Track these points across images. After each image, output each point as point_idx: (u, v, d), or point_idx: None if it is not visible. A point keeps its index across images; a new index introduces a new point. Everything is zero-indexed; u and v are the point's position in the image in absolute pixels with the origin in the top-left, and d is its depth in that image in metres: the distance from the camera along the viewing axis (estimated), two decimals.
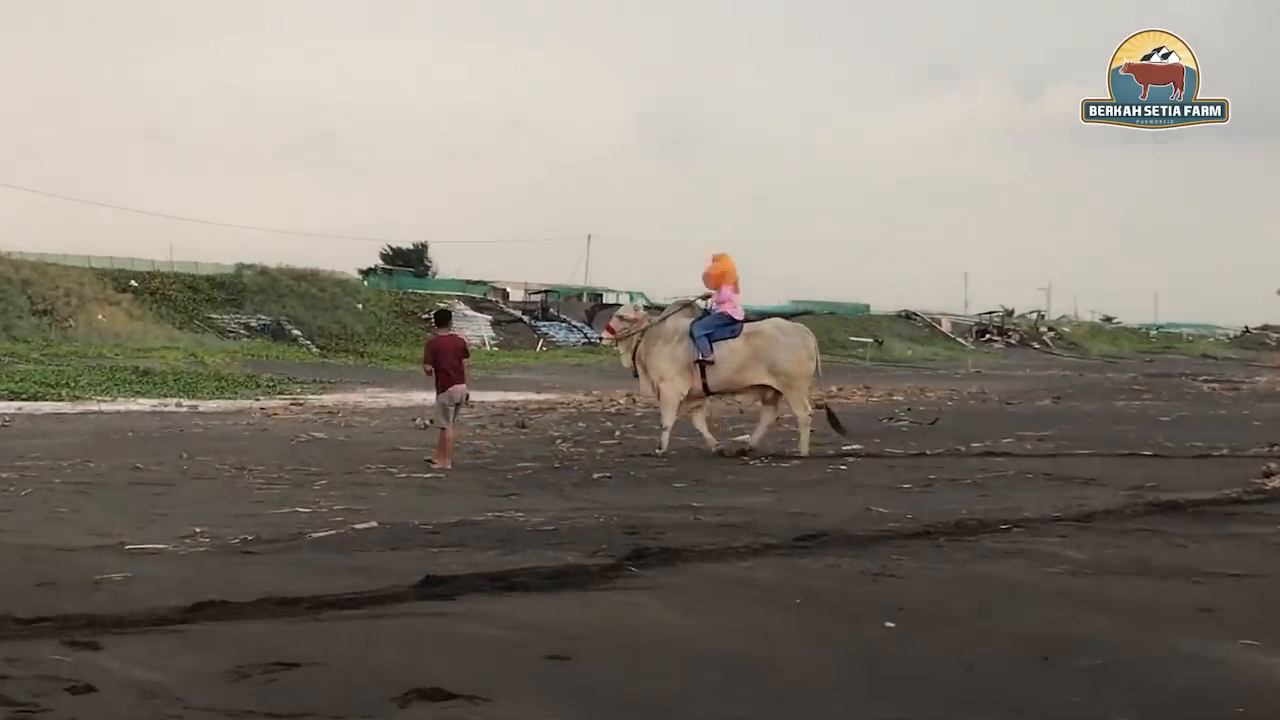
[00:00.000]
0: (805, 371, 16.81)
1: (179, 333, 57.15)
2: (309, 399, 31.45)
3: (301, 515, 10.20)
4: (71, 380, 33.60)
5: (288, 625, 5.74)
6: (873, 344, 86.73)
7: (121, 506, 10.93)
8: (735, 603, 6.31)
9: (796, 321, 19.03)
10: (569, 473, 14.21)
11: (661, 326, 17.37)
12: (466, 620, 5.82)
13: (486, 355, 63.47)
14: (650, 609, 6.13)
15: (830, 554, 7.70)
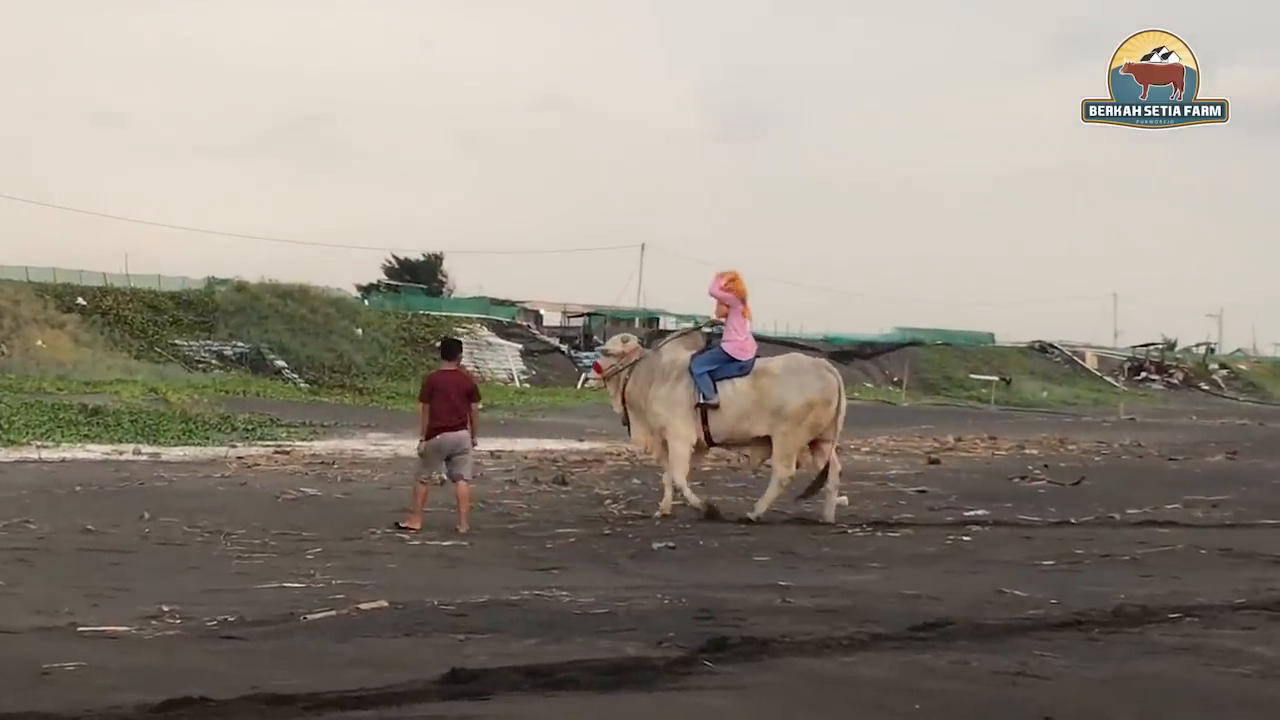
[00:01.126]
0: (815, 419, 16.52)
1: (136, 363, 57.66)
2: (297, 446, 31.66)
3: (293, 591, 10.25)
4: (4, 421, 33.95)
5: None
6: (999, 383, 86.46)
7: (70, 578, 11.01)
8: (838, 708, 6.28)
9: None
10: (622, 541, 14.22)
11: (655, 361, 17.30)
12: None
13: (515, 393, 63.77)
14: (732, 715, 6.11)
15: (955, 647, 7.65)
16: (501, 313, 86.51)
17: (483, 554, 13.16)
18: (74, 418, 35.76)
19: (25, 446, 28.87)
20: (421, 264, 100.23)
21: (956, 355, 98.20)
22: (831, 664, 7.19)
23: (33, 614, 9.02)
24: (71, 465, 24.80)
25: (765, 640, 7.66)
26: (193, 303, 68.58)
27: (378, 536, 14.38)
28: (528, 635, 8.07)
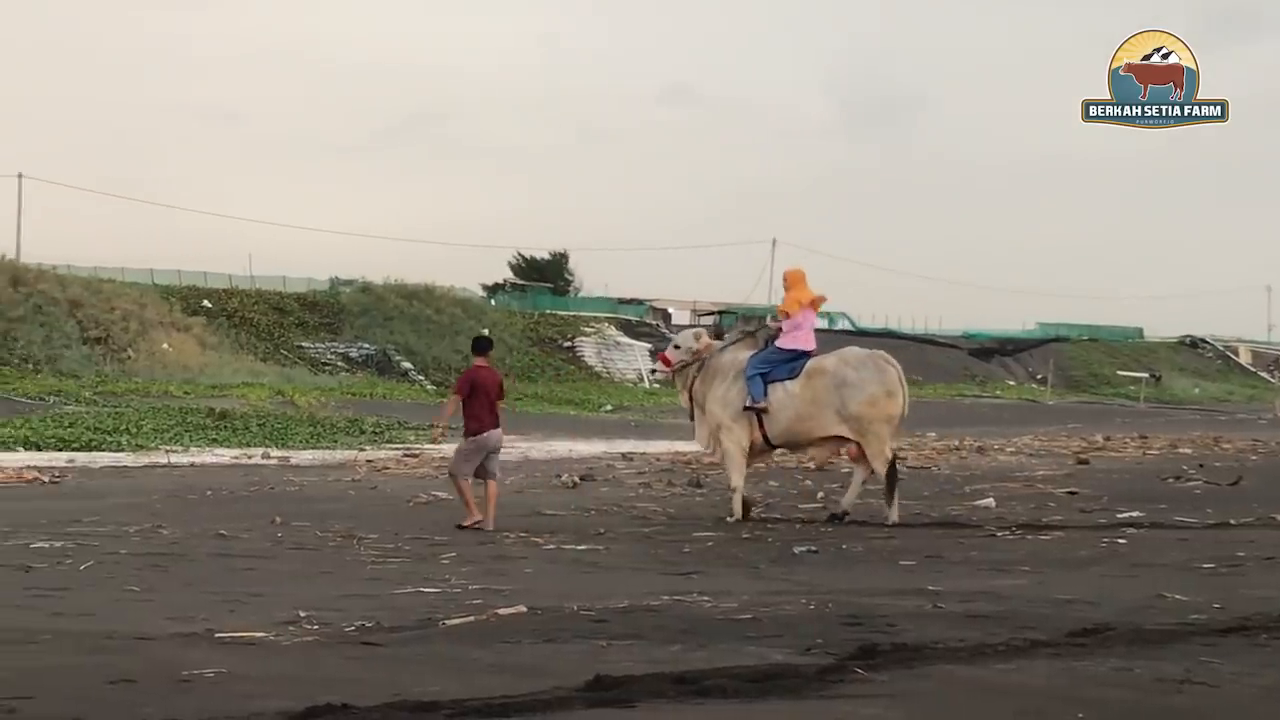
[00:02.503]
0: (884, 413, 16.46)
1: (263, 365, 58.44)
2: (425, 449, 31.90)
3: (429, 596, 10.33)
4: (132, 425, 34.59)
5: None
6: (1148, 380, 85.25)
7: (206, 584, 11.18)
8: (997, 716, 6.21)
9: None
10: (762, 545, 14.19)
11: (719, 360, 17.29)
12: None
13: (645, 394, 63.85)
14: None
15: (1115, 654, 7.56)
16: (629, 311, 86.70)
17: (620, 558, 13.18)
18: (202, 422, 36.36)
19: (154, 451, 29.39)
20: (548, 262, 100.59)
21: (1103, 351, 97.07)
22: (987, 671, 7.12)
23: (169, 620, 9.15)
24: (201, 470, 25.21)
25: (917, 647, 7.60)
26: (318, 304, 69.43)
27: (511, 540, 14.45)
28: (670, 641, 8.06)
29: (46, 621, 9.09)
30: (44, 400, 44.45)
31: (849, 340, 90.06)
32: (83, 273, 66.74)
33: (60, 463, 25.86)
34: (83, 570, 11.98)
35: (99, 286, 64.04)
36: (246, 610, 9.58)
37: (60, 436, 31.44)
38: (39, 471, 22.90)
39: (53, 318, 58.46)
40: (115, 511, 16.70)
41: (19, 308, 58.60)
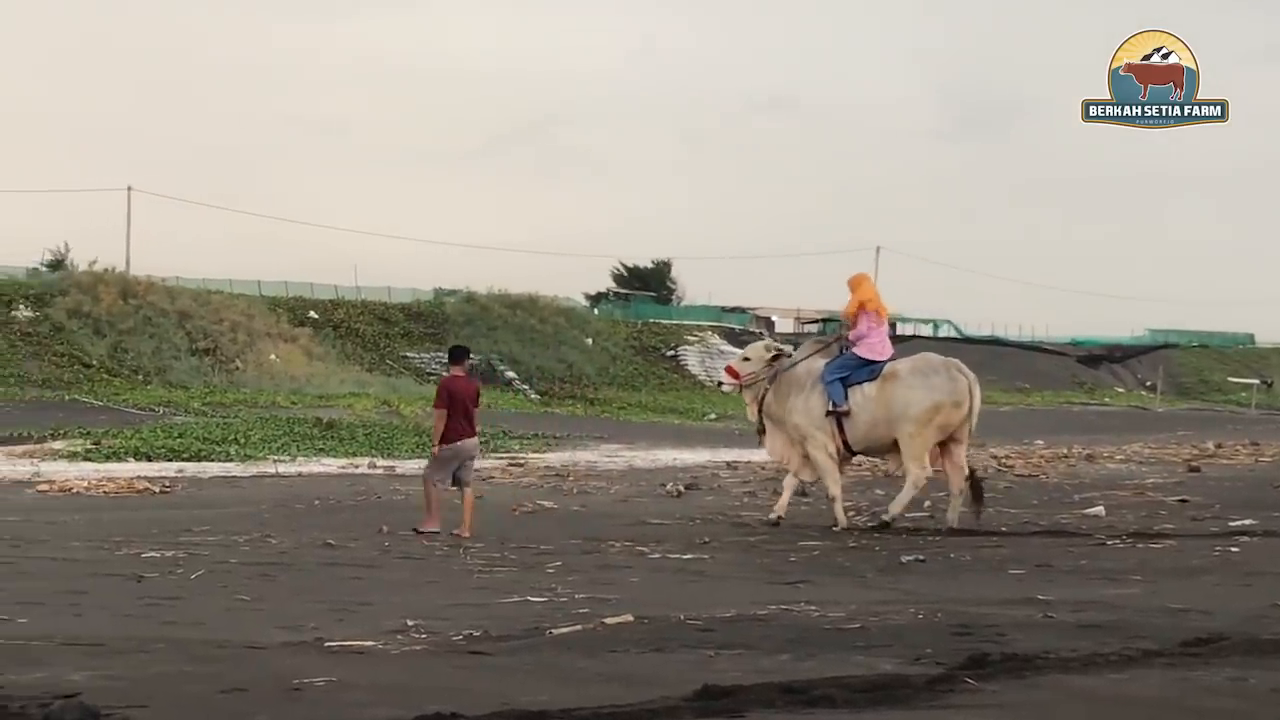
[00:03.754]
0: (943, 421, 16.46)
1: (368, 375, 58.90)
2: (530, 459, 32.07)
3: (535, 605, 10.36)
4: (241, 435, 34.95)
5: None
6: (1259, 386, 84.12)
7: (314, 593, 11.29)
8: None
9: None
10: (869, 554, 14.14)
11: (793, 372, 17.34)
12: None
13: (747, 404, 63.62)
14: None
15: (1230, 664, 7.45)
16: (732, 320, 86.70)
17: (725, 567, 13.17)
18: (309, 431, 36.70)
19: (262, 461, 29.67)
20: (650, 271, 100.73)
21: (1213, 358, 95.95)
22: (1100, 681, 7.04)
23: (279, 629, 9.25)
24: (308, 479, 25.43)
25: (1028, 657, 7.53)
26: (423, 314, 69.91)
27: (617, 550, 14.47)
28: (779, 651, 8.04)
29: (159, 630, 9.20)
30: (154, 411, 45.03)
31: (953, 349, 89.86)
32: (191, 285, 67.56)
33: (170, 473, 26.17)
34: (194, 579, 12.11)
35: (207, 298, 64.82)
36: (355, 619, 9.66)
37: (170, 447, 31.82)
38: (150, 481, 23.20)
39: (162, 329, 59.24)
40: (225, 521, 16.88)
41: (129, 320, 59.43)
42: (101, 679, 7.30)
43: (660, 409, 60.01)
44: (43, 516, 17.76)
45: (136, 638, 8.77)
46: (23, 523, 16.90)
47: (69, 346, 56.85)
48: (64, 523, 16.91)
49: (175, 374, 56.15)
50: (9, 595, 10.74)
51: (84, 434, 34.99)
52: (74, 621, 9.61)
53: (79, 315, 59.28)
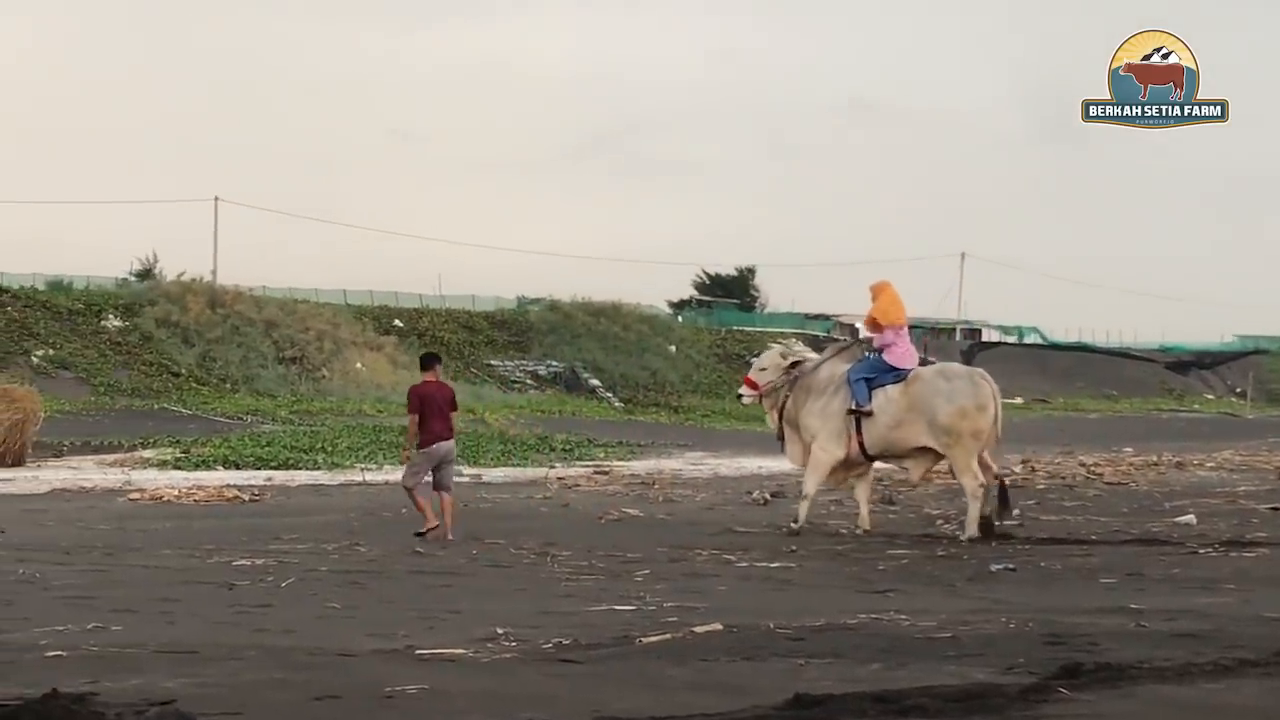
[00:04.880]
0: (973, 426, 16.40)
1: (453, 383, 58.89)
2: (615, 466, 32.10)
3: (624, 614, 10.39)
4: (328, 444, 35.19)
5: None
6: None
7: (403, 601, 11.35)
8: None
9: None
10: (958, 562, 14.08)
11: (814, 377, 17.38)
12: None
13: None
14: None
15: None
16: (816, 327, 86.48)
17: (814, 576, 13.15)
18: (395, 440, 36.81)
19: (350, 469, 29.86)
20: (733, 279, 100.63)
21: None
22: (1195, 691, 7.00)
23: (369, 636, 9.31)
24: (395, 487, 25.48)
25: (1122, 666, 7.49)
26: (506, 322, 70.17)
27: (704, 558, 14.46)
28: (870, 660, 8.03)
29: (251, 638, 9.29)
30: (242, 419, 45.44)
31: (1040, 356, 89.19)
32: (278, 294, 68.13)
33: (259, 481, 26.38)
34: (284, 587, 12.21)
35: (294, 307, 65.35)
36: (445, 627, 9.71)
37: (258, 455, 32.07)
38: (239, 489, 23.40)
39: (249, 338, 59.77)
40: (313, 529, 17.01)
41: (217, 329, 60.00)
42: (195, 686, 7.38)
43: (744, 416, 59.68)
44: (134, 524, 17.95)
45: (229, 645, 8.87)
46: (115, 531, 17.10)
47: (158, 356, 57.44)
48: (155, 531, 17.09)
49: (262, 382, 56.62)
50: (103, 603, 10.87)
51: (173, 442, 35.37)
52: (167, 629, 9.72)
53: (168, 325, 59.89)
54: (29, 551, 14.64)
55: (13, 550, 14.76)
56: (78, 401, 47.78)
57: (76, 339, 58.12)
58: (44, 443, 32.33)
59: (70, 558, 14.23)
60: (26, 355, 54.96)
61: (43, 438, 32.04)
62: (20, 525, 17.69)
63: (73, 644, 8.88)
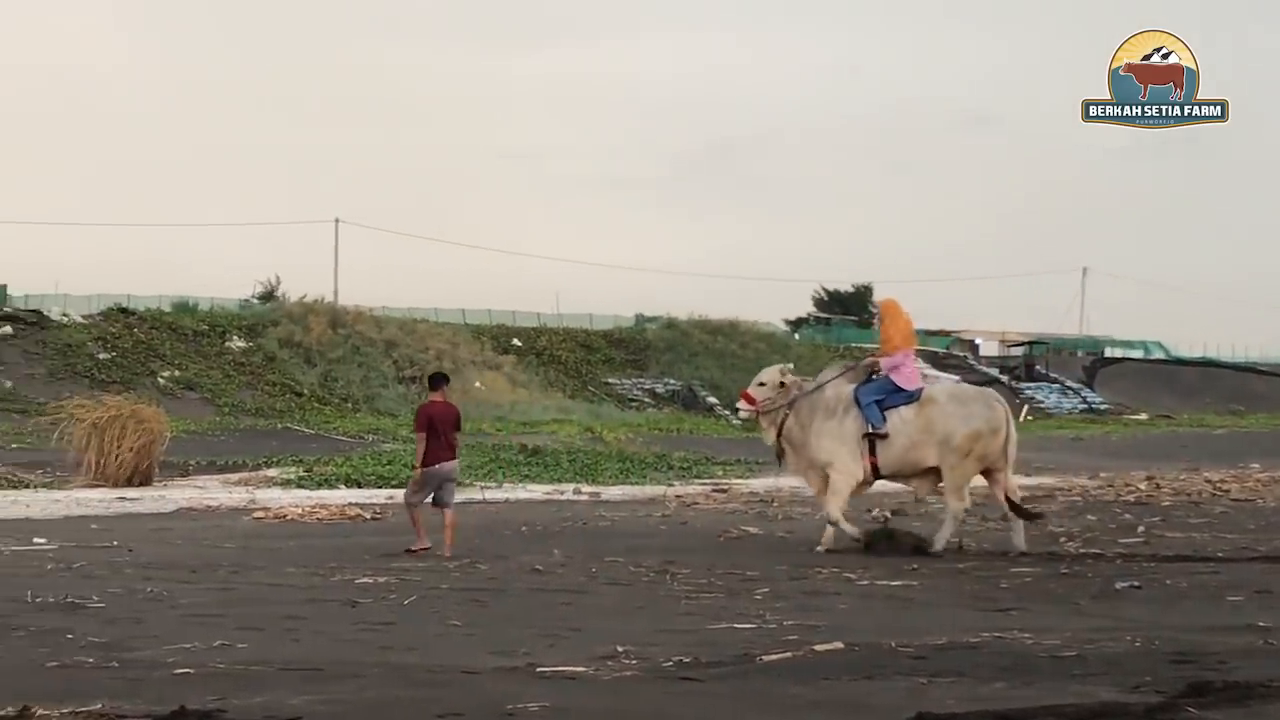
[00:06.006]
0: (983, 450, 16.54)
1: (571, 402, 59.35)
2: (734, 484, 32.01)
3: (744, 631, 10.38)
4: None
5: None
6: None
7: (524, 618, 11.41)
8: None
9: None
10: (1082, 581, 13.93)
11: (818, 396, 17.33)
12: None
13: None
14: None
15: None
16: (936, 343, 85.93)
17: (935, 594, 13.06)
18: (514, 458, 37.06)
19: (469, 487, 29.99)
20: (851, 295, 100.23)
21: None
22: None
23: (491, 654, 9.38)
24: (514, 505, 25.69)
25: (1250, 685, 7.40)
26: (624, 341, 70.32)
27: (824, 576, 14.41)
28: (993, 679, 7.98)
29: (374, 655, 9.38)
30: (363, 438, 45.81)
31: (1165, 372, 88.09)
32: (397, 314, 68.76)
33: (380, 499, 26.55)
34: (406, 605, 12.31)
35: (413, 327, 65.94)
36: (566, 645, 9.75)
37: (379, 473, 32.27)
38: (361, 508, 23.59)
39: (370, 358, 60.38)
40: (434, 547, 17.11)
41: (338, 349, 60.67)
42: (320, 703, 7.46)
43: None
44: (259, 543, 18.15)
45: (352, 662, 8.96)
46: (240, 549, 17.30)
47: (281, 376, 58.15)
48: (279, 549, 17.27)
49: (383, 401, 57.12)
50: (230, 621, 11.01)
51: (296, 461, 35.72)
52: (292, 646, 9.83)
53: (290, 345, 60.64)
54: (156, 570, 14.86)
55: (140, 569, 14.98)
56: (203, 421, 48.42)
57: (201, 360, 58.98)
58: (170, 462, 32.75)
59: (197, 576, 14.43)
60: (153, 376, 55.85)
61: (169, 458, 32.45)
62: (148, 544, 17.94)
63: (200, 661, 9.01)
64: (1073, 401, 77.70)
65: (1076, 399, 78.27)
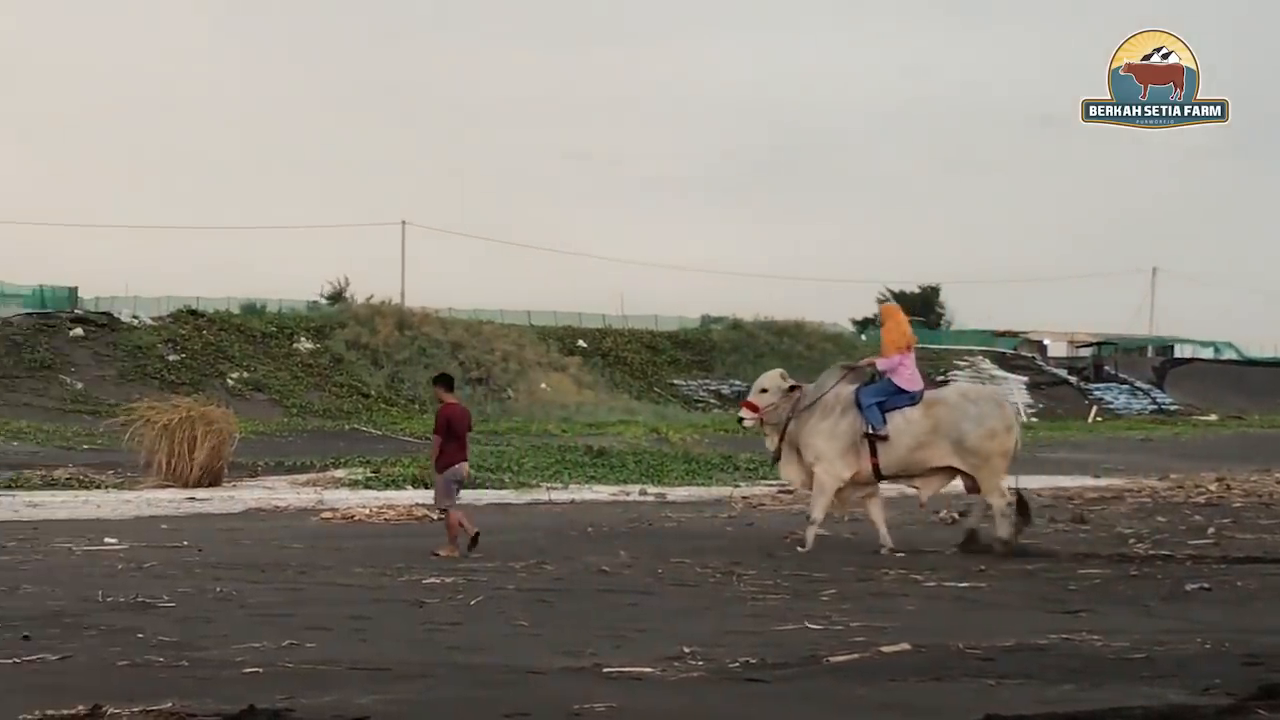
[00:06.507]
0: (1002, 447, 16.67)
1: (637, 403, 59.44)
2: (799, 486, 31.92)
3: (811, 633, 10.36)
4: (514, 463, 35.47)
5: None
6: None
7: (590, 619, 11.43)
8: None
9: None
10: (1151, 582, 13.83)
11: (821, 401, 17.31)
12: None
13: (1022, 428, 62.74)
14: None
15: None
16: (1003, 344, 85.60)
17: (1003, 595, 13.00)
18: (579, 459, 37.14)
19: (536, 488, 30.09)
20: (918, 296, 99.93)
21: None
22: None
23: (558, 654, 9.40)
24: (580, 506, 25.72)
25: None
26: (689, 342, 70.35)
27: (891, 577, 14.37)
28: (1062, 680, 7.94)
29: (442, 655, 9.43)
30: (429, 439, 45.91)
31: (1237, 372, 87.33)
32: (463, 315, 69.04)
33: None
34: (473, 605, 12.34)
35: (479, 328, 66.19)
36: (632, 645, 9.76)
37: None
38: (428, 509, 23.67)
39: (436, 359, 60.59)
40: (501, 548, 17.14)
41: (405, 350, 60.99)
42: (388, 703, 7.50)
43: None
44: (326, 543, 18.24)
45: (420, 662, 9.00)
46: (308, 549, 17.38)
47: (348, 377, 58.51)
48: (347, 549, 17.35)
49: None
50: (298, 621, 11.08)
51: (364, 462, 35.87)
52: (360, 646, 9.88)
53: (357, 347, 61.00)
54: (225, 570, 14.96)
55: (210, 569, 15.09)
56: (271, 422, 48.77)
57: (270, 361, 59.42)
58: (239, 463, 32.97)
59: (265, 576, 14.52)
60: (222, 378, 56.31)
61: (238, 458, 32.67)
62: (217, 544, 18.07)
63: (269, 661, 9.07)
64: (1142, 402, 77.23)
65: (1146, 400, 77.79)
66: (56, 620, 11.07)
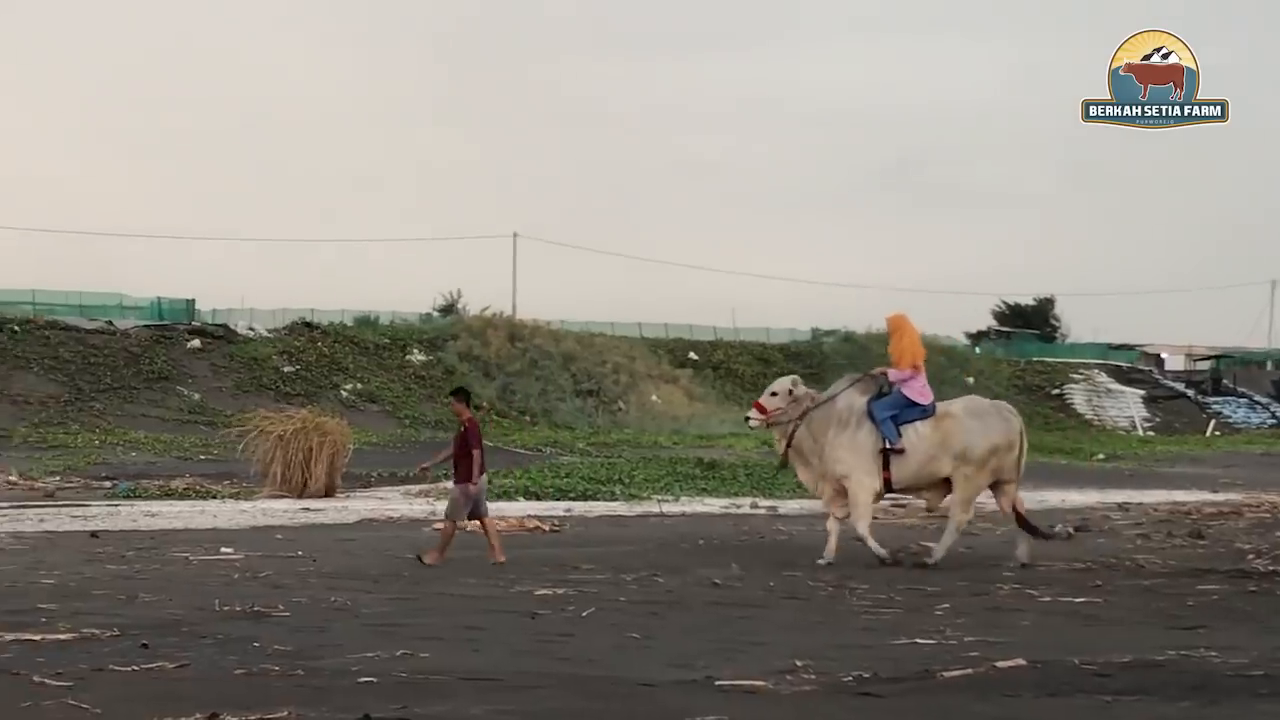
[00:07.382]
0: (997, 463, 16.70)
1: None
2: (913, 501, 31.75)
3: (924, 648, 10.30)
4: (625, 475, 35.52)
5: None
6: None
7: (702, 632, 11.42)
8: None
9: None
10: (1271, 599, 13.65)
11: (830, 407, 17.27)
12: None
13: (1139, 442, 62.15)
14: None
15: None
16: (1120, 357, 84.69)
17: (1119, 611, 12.85)
18: (690, 471, 37.11)
19: (646, 500, 30.12)
20: (1033, 309, 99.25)
21: None
22: None
23: (669, 666, 9.41)
24: (692, 519, 25.73)
25: None
26: (801, 355, 70.25)
27: (1006, 592, 14.26)
28: (1179, 698, 7.86)
29: (553, 666, 9.46)
30: (540, 451, 46.19)
31: None
32: (574, 327, 69.31)
33: (558, 512, 26.73)
34: (585, 617, 12.37)
35: (590, 341, 66.40)
36: (744, 658, 9.75)
37: (557, 486, 32.48)
38: (539, 520, 23.76)
39: (548, 371, 60.90)
40: (612, 559, 17.19)
41: (516, 362, 61.27)
42: (499, 713, 7.55)
43: (1045, 449, 58.80)
44: None
45: (531, 673, 9.04)
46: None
47: None
48: (459, 560, 17.44)
49: (560, 415, 57.62)
50: (411, 631, 11.16)
51: None
52: (472, 656, 9.94)
53: (469, 358, 61.39)
54: (339, 580, 15.10)
55: (324, 579, 15.23)
56: (384, 433, 49.18)
57: (383, 373, 59.93)
58: (353, 473, 33.26)
59: (379, 586, 14.64)
60: (336, 389, 56.87)
61: (351, 469, 32.96)
62: (331, 554, 18.24)
63: (383, 670, 9.15)
64: (1261, 416, 76.13)
65: (1265, 414, 76.66)
66: (174, 629, 11.23)
